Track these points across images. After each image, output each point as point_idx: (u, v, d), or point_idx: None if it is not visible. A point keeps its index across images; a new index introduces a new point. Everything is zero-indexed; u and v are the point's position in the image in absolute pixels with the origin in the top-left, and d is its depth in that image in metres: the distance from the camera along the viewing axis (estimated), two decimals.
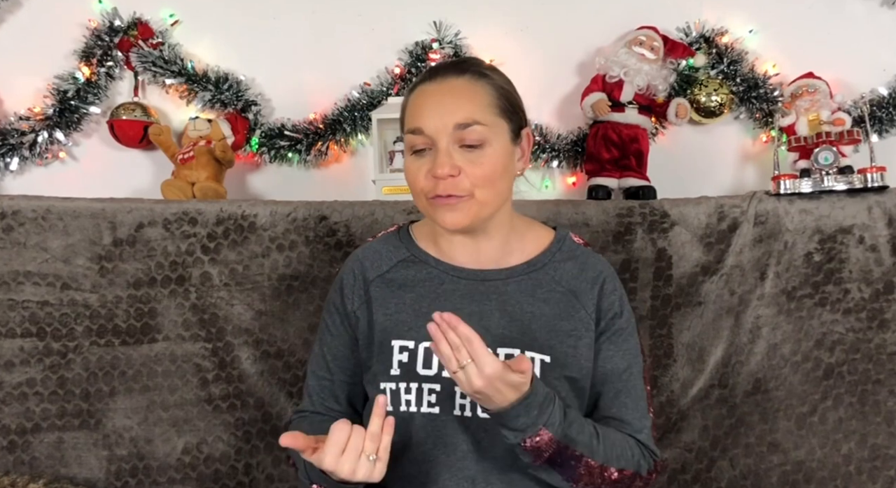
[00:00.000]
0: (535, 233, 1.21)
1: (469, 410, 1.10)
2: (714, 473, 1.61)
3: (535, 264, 1.17)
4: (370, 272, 1.19)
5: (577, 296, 1.16)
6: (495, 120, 1.11)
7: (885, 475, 1.61)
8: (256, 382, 1.57)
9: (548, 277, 1.16)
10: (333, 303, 1.22)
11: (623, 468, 1.10)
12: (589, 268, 1.18)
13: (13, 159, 1.83)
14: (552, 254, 1.19)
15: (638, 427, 1.15)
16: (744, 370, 1.61)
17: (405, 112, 1.16)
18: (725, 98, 1.84)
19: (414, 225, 1.25)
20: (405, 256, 1.19)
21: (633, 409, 1.16)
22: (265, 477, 1.58)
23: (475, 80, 1.12)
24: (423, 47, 1.85)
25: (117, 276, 1.56)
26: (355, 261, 1.22)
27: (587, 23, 1.88)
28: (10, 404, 1.54)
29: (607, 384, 1.16)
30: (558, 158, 1.87)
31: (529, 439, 1.01)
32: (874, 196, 1.62)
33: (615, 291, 1.18)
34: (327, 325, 1.22)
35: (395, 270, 1.19)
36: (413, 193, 1.14)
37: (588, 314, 1.15)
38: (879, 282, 1.61)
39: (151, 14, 1.86)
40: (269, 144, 1.86)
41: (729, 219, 1.61)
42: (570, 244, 1.21)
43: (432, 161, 1.09)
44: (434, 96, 1.11)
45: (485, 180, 1.09)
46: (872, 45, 1.88)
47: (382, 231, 1.28)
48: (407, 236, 1.22)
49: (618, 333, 1.17)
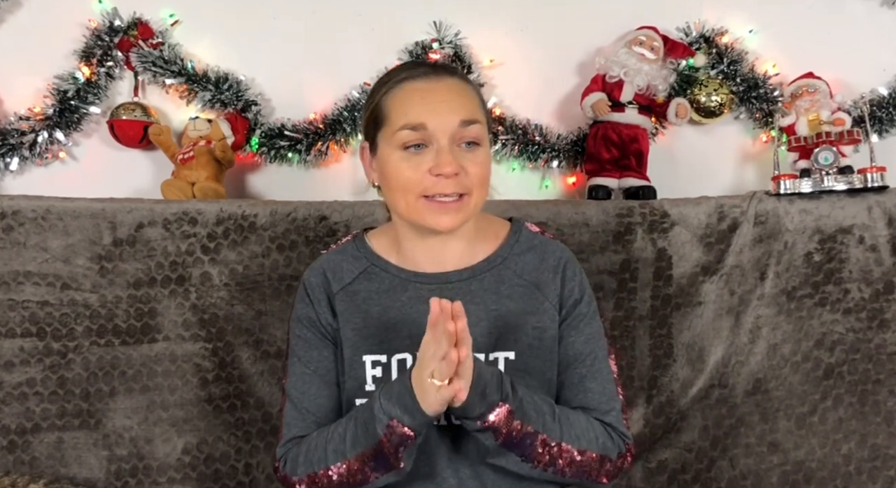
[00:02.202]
0: (493, 229, 1.21)
1: (445, 419, 1.10)
2: (714, 473, 1.61)
3: (494, 260, 1.17)
4: (334, 284, 1.17)
5: (539, 288, 1.15)
6: (484, 121, 1.13)
7: (885, 475, 1.61)
8: (256, 382, 1.57)
9: (509, 271, 1.16)
10: (307, 317, 1.18)
11: (585, 449, 1.08)
12: (549, 257, 1.17)
13: (13, 159, 1.83)
14: (510, 247, 1.18)
15: (605, 409, 1.14)
16: (744, 370, 1.61)
17: (391, 107, 1.11)
18: (725, 98, 1.84)
19: (369, 233, 1.23)
20: (365, 267, 1.18)
21: (600, 393, 1.14)
22: (265, 477, 1.58)
23: (465, 82, 1.15)
24: (423, 47, 1.85)
25: (117, 276, 1.56)
26: (317, 273, 1.19)
27: (587, 23, 1.88)
28: (10, 404, 1.54)
29: (570, 370, 1.15)
30: (558, 158, 1.87)
31: (489, 416, 1.01)
32: (874, 196, 1.62)
33: (575, 277, 1.17)
34: (307, 341, 1.17)
35: (358, 282, 1.17)
36: (396, 192, 1.11)
37: (552, 305, 1.15)
38: (879, 282, 1.61)
39: (151, 14, 1.86)
40: (269, 144, 1.85)
41: (729, 219, 1.61)
42: (527, 234, 1.20)
43: (432, 159, 1.08)
44: (437, 94, 1.10)
45: (482, 180, 1.10)
46: (872, 45, 1.88)
47: (336, 243, 1.26)
48: (364, 246, 1.20)
49: (578, 318, 1.16)
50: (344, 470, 1.07)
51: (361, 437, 1.05)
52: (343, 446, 1.07)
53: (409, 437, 1.01)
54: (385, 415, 1.01)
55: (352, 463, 1.06)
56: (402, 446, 1.02)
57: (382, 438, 1.02)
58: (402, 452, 1.03)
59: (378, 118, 1.13)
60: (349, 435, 1.06)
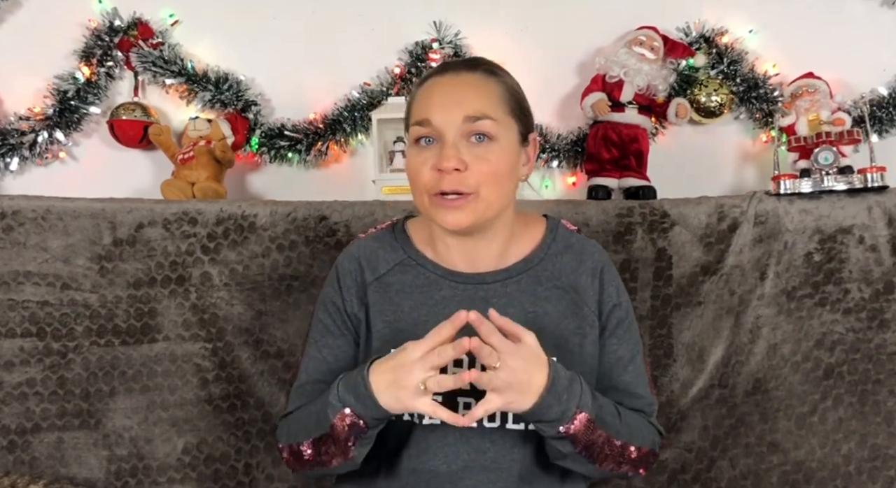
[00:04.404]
0: (529, 229, 1.18)
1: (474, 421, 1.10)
2: (714, 473, 1.61)
3: (531, 261, 1.15)
4: (367, 274, 1.15)
5: (578, 291, 1.14)
6: (505, 118, 1.09)
7: (885, 475, 1.61)
8: (256, 382, 1.57)
9: (546, 273, 1.14)
10: (332, 302, 1.17)
11: (641, 446, 1.09)
12: (587, 259, 1.16)
13: (13, 159, 1.83)
14: (547, 248, 1.16)
15: (649, 411, 1.16)
16: (744, 370, 1.61)
17: (412, 105, 1.12)
18: (725, 98, 1.84)
19: (410, 222, 1.21)
20: (402, 259, 1.16)
21: (645, 396, 1.16)
22: (265, 476, 1.58)
23: (487, 77, 1.11)
24: (423, 47, 1.85)
25: (117, 276, 1.56)
26: (351, 259, 1.17)
27: (587, 23, 1.88)
28: (10, 404, 1.54)
29: (615, 376, 1.15)
30: (558, 158, 1.87)
31: (567, 425, 1.00)
32: (874, 196, 1.62)
33: (613, 281, 1.17)
34: (326, 326, 1.17)
35: (392, 274, 1.15)
36: (414, 189, 1.10)
37: (591, 310, 1.14)
38: (879, 282, 1.61)
39: (151, 14, 1.86)
40: (269, 144, 1.86)
41: (729, 219, 1.61)
42: (564, 233, 1.19)
43: (438, 154, 1.06)
44: (445, 88, 1.09)
45: (491, 177, 1.06)
46: (872, 45, 1.88)
47: (374, 227, 1.24)
48: (403, 235, 1.18)
49: (620, 325, 1.16)
50: (311, 451, 1.08)
51: (321, 421, 1.05)
52: (309, 426, 1.08)
53: (360, 428, 1.01)
54: (339, 402, 1.02)
55: (316, 445, 1.07)
56: (353, 436, 1.02)
57: (335, 423, 1.02)
58: (354, 442, 1.03)
59: (407, 115, 1.13)
60: (313, 418, 1.07)
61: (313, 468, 1.10)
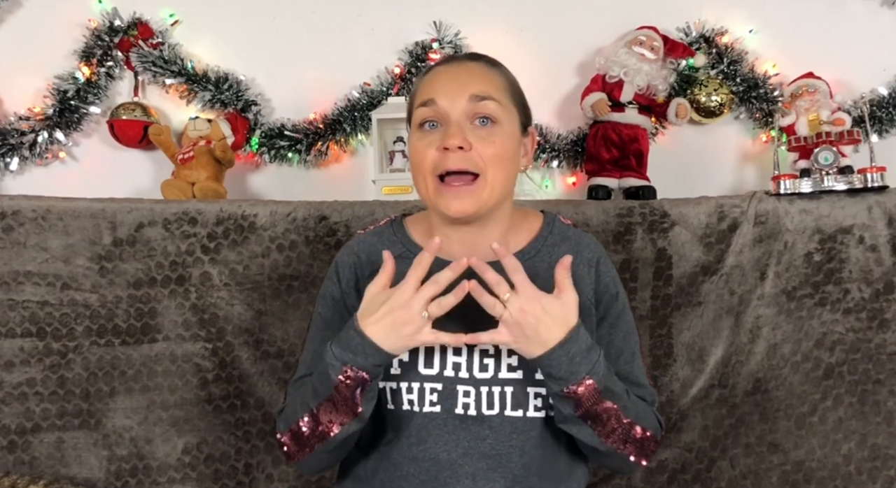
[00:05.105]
0: (526, 221, 1.20)
1: (473, 409, 1.10)
2: (714, 473, 1.61)
3: (529, 252, 1.16)
4: (366, 267, 1.17)
5: (575, 282, 1.12)
6: (507, 103, 1.11)
7: (885, 475, 1.61)
8: (256, 382, 1.58)
9: (544, 264, 1.15)
10: (332, 296, 1.18)
11: (646, 427, 1.10)
12: (583, 250, 1.17)
13: (13, 159, 1.83)
14: (544, 239, 1.17)
15: (650, 400, 1.17)
16: (744, 370, 1.61)
17: (416, 92, 1.14)
18: (725, 98, 1.84)
19: (407, 218, 1.23)
20: (400, 252, 1.16)
21: (646, 386, 1.17)
22: (265, 476, 1.58)
23: (490, 67, 1.13)
24: (423, 47, 1.85)
25: (117, 276, 1.56)
26: (350, 253, 1.19)
27: (587, 23, 1.88)
28: (10, 404, 1.54)
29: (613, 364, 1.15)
30: (558, 158, 1.88)
31: (573, 387, 1.01)
32: (874, 196, 1.62)
33: (609, 272, 1.18)
34: (325, 320, 1.18)
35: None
36: (417, 175, 1.11)
37: (588, 299, 1.14)
38: (879, 282, 1.61)
39: (151, 14, 1.87)
40: (269, 144, 1.86)
41: (729, 219, 1.61)
42: (560, 226, 1.20)
43: (442, 135, 1.07)
44: (450, 73, 1.11)
45: (496, 159, 1.07)
46: (872, 45, 1.88)
47: (373, 224, 1.25)
48: (401, 229, 1.20)
49: (615, 315, 1.17)
50: (310, 422, 1.08)
51: (320, 387, 1.06)
52: (307, 398, 1.08)
53: (363, 380, 1.02)
54: (338, 361, 1.03)
55: (315, 414, 1.07)
56: (358, 388, 1.03)
57: (338, 383, 1.03)
58: (360, 395, 1.04)
59: (410, 104, 1.15)
60: (311, 388, 1.08)
61: (314, 447, 1.09)
